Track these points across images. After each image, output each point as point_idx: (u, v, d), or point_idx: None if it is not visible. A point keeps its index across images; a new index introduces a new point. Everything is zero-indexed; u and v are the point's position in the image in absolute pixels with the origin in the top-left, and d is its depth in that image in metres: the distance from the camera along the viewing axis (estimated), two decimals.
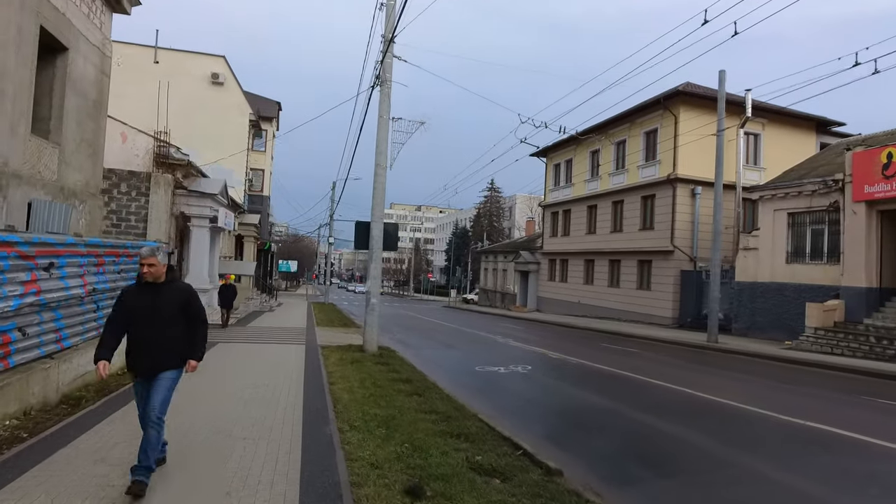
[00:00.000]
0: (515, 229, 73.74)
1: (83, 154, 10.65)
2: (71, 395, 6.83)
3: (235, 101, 35.31)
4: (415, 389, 7.75)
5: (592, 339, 19.05)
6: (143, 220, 16.29)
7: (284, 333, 15.72)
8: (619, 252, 29.14)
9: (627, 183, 28.81)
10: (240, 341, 13.06)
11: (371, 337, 11.83)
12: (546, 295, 37.43)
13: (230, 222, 19.35)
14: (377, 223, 11.90)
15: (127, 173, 16.32)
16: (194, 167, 17.89)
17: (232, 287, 15.68)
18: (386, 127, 11.99)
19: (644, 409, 7.78)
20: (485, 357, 13.24)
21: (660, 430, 6.68)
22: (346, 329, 18.43)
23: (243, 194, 34.54)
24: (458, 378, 10.03)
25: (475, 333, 20.09)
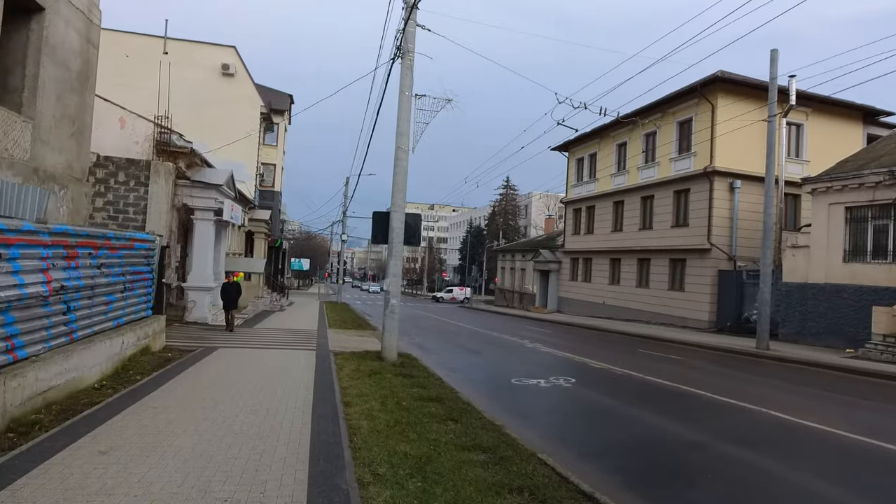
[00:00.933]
0: (531, 228, 72.03)
1: (64, 132, 9.33)
2: (23, 418, 5.46)
3: (246, 93, 34.15)
4: (448, 413, 6.28)
5: (627, 345, 17.44)
6: (141, 211, 15.02)
7: (293, 336, 14.35)
8: (648, 250, 27.43)
9: (658, 177, 27.09)
10: (243, 346, 11.69)
11: (390, 343, 10.38)
12: (567, 295, 35.78)
13: (237, 216, 18.08)
14: (397, 213, 10.45)
15: (125, 161, 15.05)
16: (198, 156, 16.60)
17: (236, 285, 14.26)
18: (408, 104, 10.53)
19: (734, 441, 6.24)
20: (517, 366, 11.75)
21: (771, 474, 5.14)
22: (361, 332, 17.02)
23: (254, 189, 33.37)
24: (494, 394, 8.54)
25: (498, 337, 18.58)
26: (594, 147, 33.41)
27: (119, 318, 8.61)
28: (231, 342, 12.10)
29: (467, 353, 14.12)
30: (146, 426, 5.17)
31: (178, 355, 9.77)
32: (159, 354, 9.70)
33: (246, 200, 28.04)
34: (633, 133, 29.35)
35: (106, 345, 7.68)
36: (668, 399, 8.80)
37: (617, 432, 6.64)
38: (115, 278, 8.35)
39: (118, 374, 7.92)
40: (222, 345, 11.57)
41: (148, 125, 15.51)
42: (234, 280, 14.34)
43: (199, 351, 10.44)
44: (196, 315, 15.79)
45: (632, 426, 6.93)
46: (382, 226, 10.67)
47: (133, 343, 8.81)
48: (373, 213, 10.74)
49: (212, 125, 30.75)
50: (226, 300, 14.05)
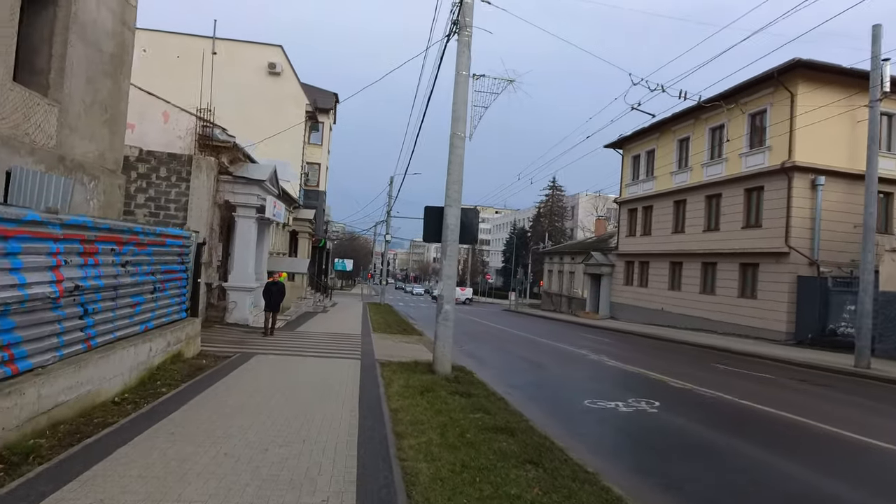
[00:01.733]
0: (578, 229, 69.66)
1: (95, 119, 8.63)
2: (18, 445, 4.56)
3: (292, 92, 33.91)
4: (524, 451, 5.03)
5: (700, 358, 15.66)
6: (182, 208, 14.45)
7: (336, 342, 13.41)
8: (714, 253, 25.27)
9: (726, 174, 24.91)
10: (282, 353, 10.77)
11: (443, 354, 9.20)
12: (621, 300, 33.77)
13: (280, 214, 17.41)
14: (452, 208, 9.27)
15: (167, 156, 14.52)
16: (241, 151, 15.96)
17: (279, 286, 13.41)
18: (465, 86, 9.35)
19: (890, 498, 4.73)
20: (586, 383, 10.35)
21: None
22: (407, 337, 15.96)
23: (299, 188, 33.08)
24: (569, 422, 7.22)
25: (555, 346, 17.13)
26: (652, 143, 31.35)
27: (147, 321, 7.79)
28: (270, 348, 11.22)
29: (526, 365, 12.79)
30: (154, 464, 4.16)
31: (212, 363, 8.91)
32: (192, 362, 8.86)
33: (290, 199, 27.63)
34: (697, 127, 27.23)
35: (129, 352, 6.82)
36: (778, 432, 7.25)
37: (736, 477, 5.22)
38: (142, 277, 7.52)
39: (143, 385, 7.06)
40: (260, 350, 10.69)
41: (190, 119, 14.96)
42: (277, 280, 13.49)
43: (236, 358, 9.57)
44: (237, 316, 15.12)
45: (751, 471, 5.48)
46: (435, 222, 9.52)
47: (162, 349, 7.98)
48: (425, 208, 9.61)
49: (258, 124, 30.58)
50: (268, 301, 13.26)
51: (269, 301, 13.32)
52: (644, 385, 10.24)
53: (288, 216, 28.00)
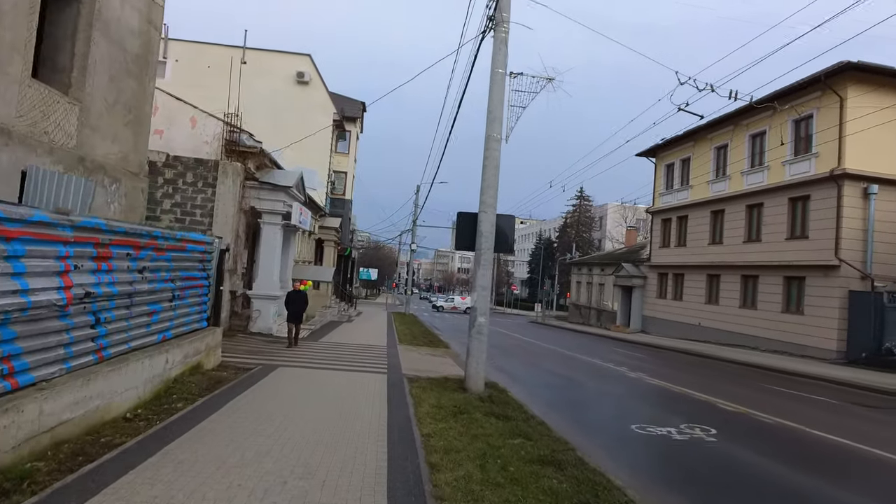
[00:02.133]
0: (607, 240, 68.22)
1: (118, 120, 8.34)
2: (13, 469, 4.11)
3: (320, 101, 33.95)
4: (577, 490, 4.37)
5: (747, 378, 14.64)
6: (208, 213, 14.21)
7: (362, 354, 12.90)
8: (756, 266, 24.04)
9: (769, 182, 23.74)
10: (305, 365, 10.28)
11: (476, 371, 8.57)
12: (654, 314, 32.56)
13: (306, 221, 17.08)
14: (487, 214, 8.68)
15: (193, 161, 14.33)
16: (267, 157, 15.71)
17: (302, 295, 13.03)
18: (501, 84, 8.79)
19: None
20: (631, 404, 9.57)
21: None
22: (434, 349, 15.35)
23: (325, 197, 33.00)
24: (621, 451, 6.50)
25: (589, 361, 16.31)
26: (687, 151, 30.28)
27: (165, 331, 7.38)
28: (293, 360, 10.75)
29: (561, 382, 12.04)
30: (156, 498, 3.64)
31: (231, 375, 8.46)
32: (212, 374, 8.43)
33: (317, 207, 27.46)
34: (736, 134, 26.13)
35: (144, 364, 6.39)
36: (866, 472, 6.38)
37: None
38: (160, 284, 7.12)
39: (158, 399, 6.62)
40: (284, 362, 10.23)
41: (217, 124, 14.77)
42: (300, 289, 13.04)
43: (257, 370, 9.11)
44: (261, 325, 14.76)
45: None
46: (468, 229, 8.94)
47: (180, 361, 7.55)
48: (458, 214, 9.04)
49: (287, 133, 30.64)
50: (291, 311, 12.81)
51: (291, 311, 12.86)
52: (693, 407, 9.40)
53: (314, 224, 27.84)
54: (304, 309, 12.98)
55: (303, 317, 13.15)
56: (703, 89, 11.38)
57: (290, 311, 12.75)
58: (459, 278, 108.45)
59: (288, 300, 12.88)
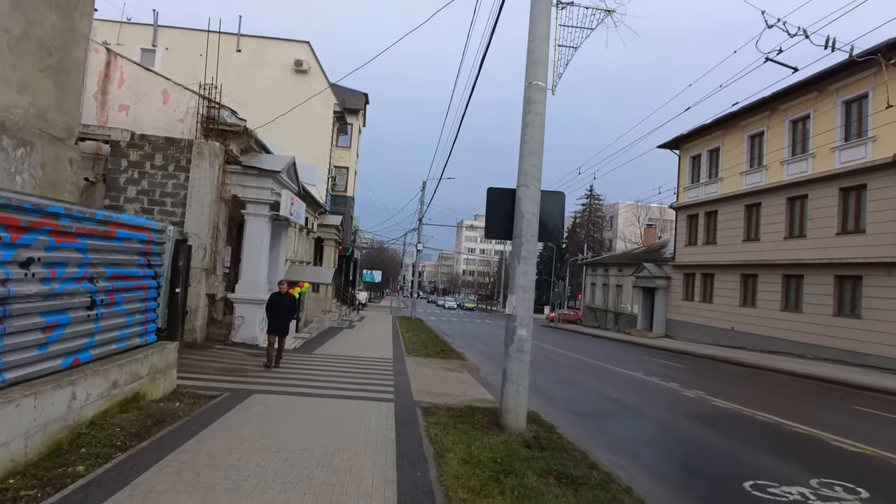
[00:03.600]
0: (618, 240, 65.83)
1: (29, 62, 6.13)
2: None
3: (319, 91, 31.74)
4: None
5: (824, 396, 12.32)
6: (181, 202, 12.01)
7: (362, 370, 10.66)
8: (800, 264, 21.69)
9: (814, 172, 21.39)
10: (289, 389, 8.04)
11: (516, 403, 6.30)
12: (679, 317, 30.19)
13: (300, 214, 14.87)
14: (529, 189, 6.43)
15: (163, 141, 12.14)
16: (253, 138, 13.52)
17: (289, 300, 10.20)
18: (546, 15, 6.56)
19: None
20: (717, 444, 7.27)
21: None
22: (448, 363, 13.08)
23: (325, 193, 30.86)
24: None
25: (628, 375, 14.01)
26: (716, 141, 27.95)
27: (78, 351, 5.16)
28: (274, 382, 8.50)
29: (612, 407, 9.74)
30: None
31: (182, 409, 6.23)
32: (156, 407, 6.19)
33: (316, 204, 25.32)
34: (773, 120, 23.81)
35: (23, 407, 4.17)
36: None
37: None
38: (67, 285, 4.90)
39: (54, 456, 4.40)
40: (261, 386, 7.98)
41: (194, 99, 12.59)
42: (287, 292, 10.45)
43: (223, 399, 6.88)
44: (244, 334, 12.56)
45: None
46: (502, 210, 6.69)
47: (103, 393, 5.32)
48: (488, 190, 6.79)
49: (284, 125, 28.60)
50: (273, 320, 9.94)
51: (274, 319, 9.91)
52: (804, 448, 7.10)
53: (313, 221, 25.69)
54: (292, 317, 10.53)
55: (289, 328, 10.75)
56: (796, 34, 9.07)
57: (272, 321, 9.94)
58: (466, 280, 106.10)
59: (270, 306, 10.00)
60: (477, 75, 10.65)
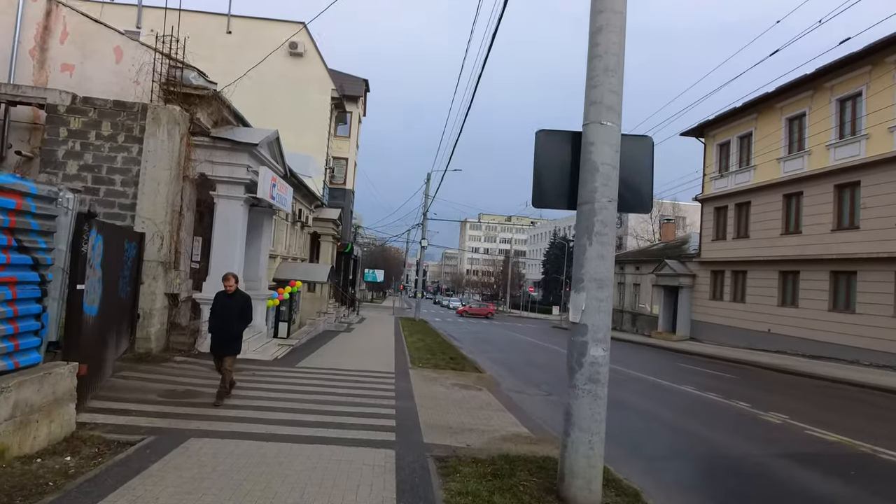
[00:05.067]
0: (630, 237, 63.42)
1: None
2: None
3: (316, 76, 29.59)
4: None
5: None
6: (133, 181, 9.74)
7: (355, 390, 8.39)
8: (851, 259, 19.31)
9: (866, 156, 19.00)
10: (246, 428, 5.74)
11: (589, 463, 3.98)
12: (705, 318, 27.82)
13: (284, 199, 12.55)
14: (606, 129, 4.12)
15: (111, 106, 9.87)
16: (227, 106, 11.27)
17: (237, 303, 6.94)
18: None
19: None
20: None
21: None
22: (462, 376, 10.78)
23: (323, 186, 28.62)
24: None
25: (679, 390, 11.70)
26: (748, 125, 25.57)
27: None
28: (229, 415, 6.20)
29: (690, 444, 7.37)
30: None
31: (61, 476, 3.94)
32: (23, 468, 3.92)
33: (312, 196, 23.10)
34: (817, 100, 21.43)
35: None
36: None
37: None
38: None
39: None
40: (207, 423, 5.69)
41: (151, 55, 10.33)
42: (235, 290, 7.10)
43: (137, 450, 4.60)
44: None
45: None
46: (559, 164, 4.41)
47: None
48: (537, 134, 4.48)
49: (278, 112, 26.44)
50: (215, 331, 6.85)
51: (217, 332, 6.83)
52: None
53: (308, 215, 23.45)
54: (243, 327, 7.00)
55: (239, 344, 7.00)
56: None
57: (214, 333, 6.85)
58: (470, 280, 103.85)
59: (212, 310, 6.99)
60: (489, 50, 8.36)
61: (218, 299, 7.06)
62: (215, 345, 6.94)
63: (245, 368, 9.05)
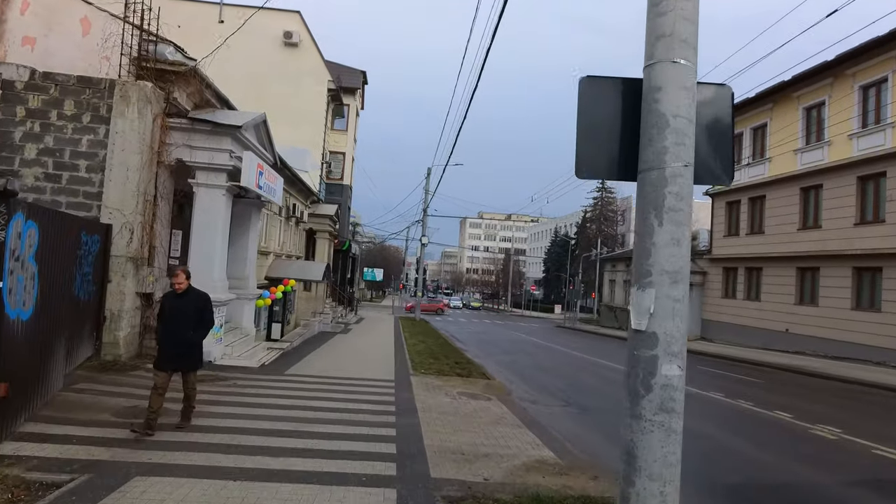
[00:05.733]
0: (631, 234, 62.38)
1: None
2: None
3: (311, 66, 28.50)
4: None
5: None
6: (99, 167, 8.67)
7: (349, 404, 7.33)
8: (876, 255, 18.24)
9: (892, 145, 17.95)
10: (208, 460, 4.66)
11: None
12: (717, 318, 26.79)
13: (273, 190, 11.44)
14: (677, 69, 3.03)
15: (75, 82, 8.80)
16: (208, 84, 10.18)
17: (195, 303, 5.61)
18: None
19: None
20: None
21: None
22: (469, 383, 9.72)
23: (319, 181, 27.55)
24: None
25: (711, 398, 10.64)
26: (762, 116, 24.51)
27: None
28: (192, 441, 5.14)
29: (758, 473, 6.32)
30: None
31: None
32: None
33: (308, 191, 22.06)
34: (838, 88, 20.37)
35: None
36: None
37: None
38: None
39: None
40: (161, 454, 4.63)
41: (127, 30, 9.25)
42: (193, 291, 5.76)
43: (58, 497, 3.53)
44: None
45: None
46: (610, 120, 3.32)
47: None
48: (582, 81, 3.38)
49: (272, 103, 25.22)
50: (165, 342, 5.48)
51: (166, 343, 5.45)
52: None
53: (303, 211, 22.40)
54: (201, 335, 5.60)
55: (199, 356, 5.74)
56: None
57: (163, 344, 5.48)
58: (471, 279, 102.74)
59: (159, 315, 5.70)
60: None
61: (166, 301, 5.67)
62: (166, 358, 5.34)
63: (225, 378, 7.99)
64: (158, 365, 5.40)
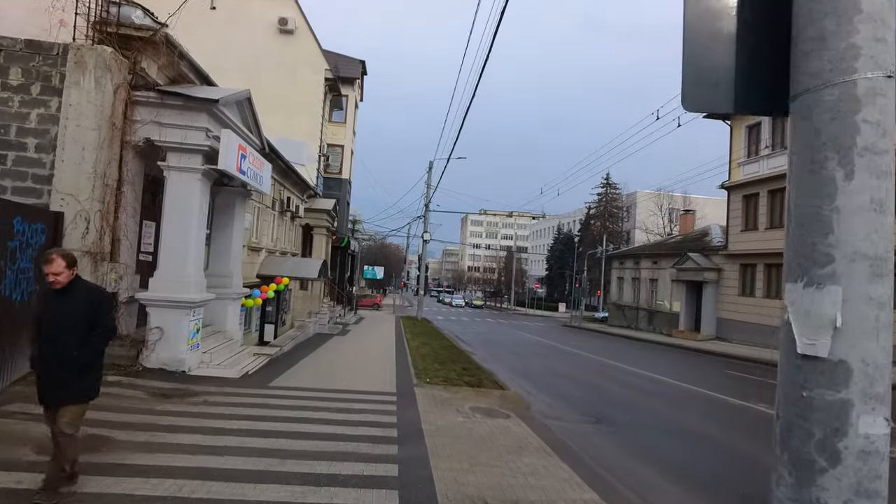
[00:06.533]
0: (637, 230, 61.08)
1: None
2: None
3: (308, 55, 27.22)
4: None
5: None
6: (51, 145, 7.43)
7: (340, 426, 6.11)
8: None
9: None
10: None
11: None
12: (734, 316, 25.53)
13: (260, 176, 10.18)
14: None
15: (22, 46, 7.55)
16: (182, 54, 8.91)
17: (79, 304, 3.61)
18: None
19: None
20: None
21: None
22: (481, 395, 8.48)
23: (317, 175, 26.33)
24: None
25: (757, 411, 9.40)
26: None
27: None
28: (122, 498, 3.90)
29: None
30: None
31: None
32: None
33: (304, 185, 20.84)
34: None
35: None
36: None
37: None
38: None
39: None
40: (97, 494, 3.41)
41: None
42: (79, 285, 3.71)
43: None
44: (164, 356, 7.97)
45: None
46: (737, 22, 2.00)
47: None
48: None
49: (267, 93, 23.96)
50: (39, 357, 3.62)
51: (43, 362, 3.61)
52: None
53: (299, 205, 21.16)
54: (94, 349, 3.67)
55: (88, 382, 3.69)
56: None
57: (38, 366, 3.65)
58: (472, 277, 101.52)
59: (36, 321, 3.74)
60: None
61: (40, 301, 3.88)
62: (44, 387, 3.64)
63: (195, 392, 6.76)
64: (39, 397, 3.69)
